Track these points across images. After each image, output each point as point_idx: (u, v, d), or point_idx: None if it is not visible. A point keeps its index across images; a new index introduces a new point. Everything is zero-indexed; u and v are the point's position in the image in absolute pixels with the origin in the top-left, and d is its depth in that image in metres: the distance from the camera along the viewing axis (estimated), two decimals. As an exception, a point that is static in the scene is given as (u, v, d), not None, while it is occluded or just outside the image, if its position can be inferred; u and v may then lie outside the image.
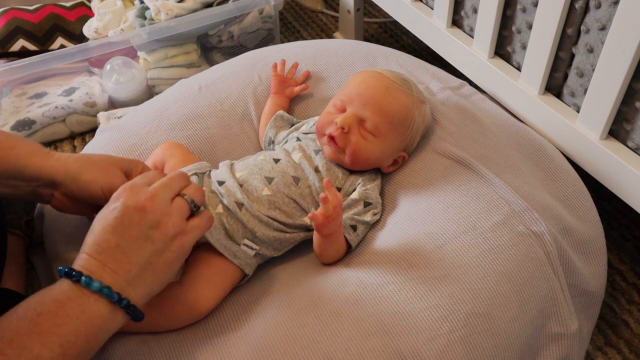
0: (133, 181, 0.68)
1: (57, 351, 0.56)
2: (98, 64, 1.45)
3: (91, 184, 0.75)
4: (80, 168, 0.76)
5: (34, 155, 0.75)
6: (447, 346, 0.69)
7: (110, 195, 0.70)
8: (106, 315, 0.61)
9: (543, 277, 0.78)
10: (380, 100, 0.85)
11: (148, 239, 0.63)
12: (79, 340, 0.58)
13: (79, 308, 0.59)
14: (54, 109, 1.34)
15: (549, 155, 0.95)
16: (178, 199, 0.68)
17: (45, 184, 0.76)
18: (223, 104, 1.04)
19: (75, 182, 0.75)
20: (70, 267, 0.61)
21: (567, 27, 0.93)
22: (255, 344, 0.72)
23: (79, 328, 0.58)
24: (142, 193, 0.65)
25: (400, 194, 0.88)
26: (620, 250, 1.14)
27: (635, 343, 1.00)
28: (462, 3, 1.15)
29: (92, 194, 0.76)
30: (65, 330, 0.57)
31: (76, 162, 0.76)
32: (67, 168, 0.75)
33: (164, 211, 0.65)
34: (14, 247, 0.96)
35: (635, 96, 0.87)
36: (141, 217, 0.64)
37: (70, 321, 0.58)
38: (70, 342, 0.57)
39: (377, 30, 1.78)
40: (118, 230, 0.63)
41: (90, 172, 0.76)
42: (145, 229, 0.63)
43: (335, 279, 0.78)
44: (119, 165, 0.79)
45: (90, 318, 0.59)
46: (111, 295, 0.60)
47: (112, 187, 0.72)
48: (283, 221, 0.82)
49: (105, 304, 0.60)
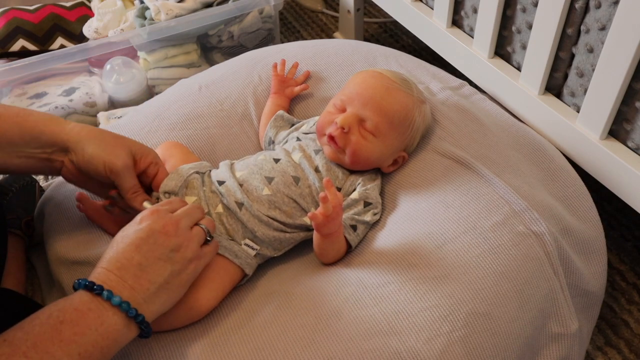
0: (157, 206, 0.73)
1: (75, 358, 0.59)
2: (98, 64, 1.45)
3: (95, 158, 0.78)
4: (90, 140, 0.78)
5: (51, 122, 0.78)
6: (447, 346, 0.69)
7: (111, 173, 0.77)
8: (122, 329, 0.64)
9: (543, 277, 0.78)
10: (381, 100, 0.85)
11: (169, 260, 0.68)
12: (96, 351, 0.61)
13: (99, 320, 0.62)
14: (54, 109, 1.34)
15: (549, 155, 0.95)
16: (197, 228, 0.73)
17: (59, 150, 0.79)
18: (223, 104, 1.04)
19: (82, 153, 0.78)
20: (91, 280, 0.64)
21: (567, 27, 0.93)
22: (255, 343, 0.72)
23: (97, 339, 0.61)
24: (167, 218, 0.70)
25: (400, 194, 0.88)
26: (620, 250, 1.14)
27: (635, 343, 1.00)
28: (462, 3, 1.15)
29: (95, 168, 0.78)
30: (85, 340, 0.60)
31: (89, 134, 0.79)
32: (80, 136, 0.78)
33: (186, 236, 0.70)
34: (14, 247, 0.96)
35: (635, 96, 0.87)
36: (165, 240, 0.68)
37: (89, 332, 0.61)
38: (88, 352, 0.60)
39: (377, 30, 1.78)
40: (142, 250, 0.67)
41: (97, 147, 0.78)
42: (168, 251, 0.68)
43: (335, 279, 0.78)
44: (130, 148, 0.81)
45: (107, 330, 0.62)
46: (129, 310, 0.63)
47: (113, 167, 0.77)
48: (283, 221, 0.82)
49: (122, 318, 0.64)
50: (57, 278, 0.88)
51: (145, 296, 0.66)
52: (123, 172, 0.79)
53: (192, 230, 0.72)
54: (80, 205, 0.89)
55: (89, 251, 0.86)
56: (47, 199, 0.96)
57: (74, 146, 0.78)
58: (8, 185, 1.00)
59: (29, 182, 1.03)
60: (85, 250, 0.87)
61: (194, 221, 0.74)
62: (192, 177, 0.85)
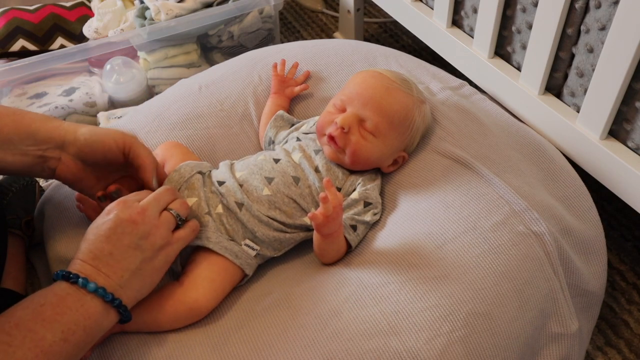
0: (125, 198, 0.74)
1: (59, 336, 0.62)
2: (98, 64, 1.45)
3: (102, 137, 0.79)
4: (90, 130, 0.80)
5: (47, 120, 0.80)
6: (447, 346, 0.69)
7: (124, 146, 0.80)
8: (101, 311, 0.66)
9: (543, 277, 0.78)
10: (380, 100, 0.85)
11: (138, 248, 0.70)
12: (78, 329, 0.64)
13: (78, 302, 0.65)
14: (54, 109, 1.34)
15: (549, 156, 0.95)
16: (165, 213, 0.74)
17: (55, 147, 0.79)
18: (223, 104, 1.04)
19: (84, 141, 0.79)
20: (67, 270, 0.67)
21: (567, 27, 0.93)
22: (256, 343, 0.72)
23: (78, 318, 0.64)
24: (134, 207, 0.72)
25: (400, 194, 0.88)
26: (620, 250, 1.14)
27: (635, 343, 1.00)
28: (462, 3, 1.15)
29: (105, 146, 0.79)
30: (66, 319, 0.63)
31: (87, 127, 0.81)
32: (78, 130, 0.80)
33: (153, 224, 0.72)
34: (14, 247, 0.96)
35: (635, 96, 0.87)
36: (132, 229, 0.70)
37: (70, 312, 0.64)
38: (70, 329, 0.63)
39: (377, 30, 1.78)
40: (111, 240, 0.69)
41: (101, 131, 0.81)
42: (136, 239, 0.70)
43: (335, 279, 0.78)
44: None
45: (88, 311, 0.65)
46: (105, 295, 0.66)
47: (125, 138, 0.80)
48: (283, 221, 0.82)
49: (101, 303, 0.66)
50: (54, 280, 0.87)
51: (120, 282, 0.68)
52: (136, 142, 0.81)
53: (160, 216, 0.73)
54: (80, 205, 0.88)
55: (89, 251, 0.86)
56: (47, 199, 0.96)
57: (73, 140, 0.79)
58: (8, 185, 1.00)
59: (29, 182, 1.03)
60: (85, 250, 0.87)
61: (162, 206, 0.75)
62: (195, 177, 0.85)
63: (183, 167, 0.85)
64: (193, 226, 0.77)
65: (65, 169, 0.81)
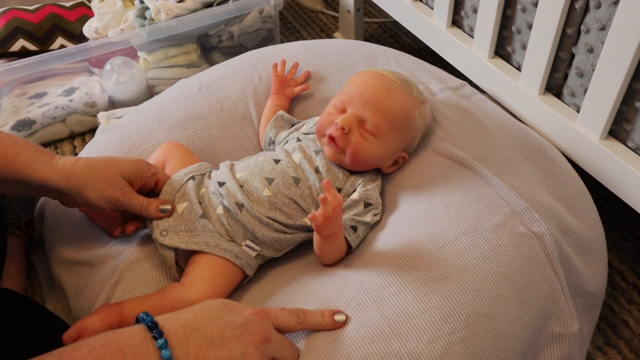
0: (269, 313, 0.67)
1: None
2: (98, 64, 1.45)
3: (95, 200, 0.78)
4: (82, 182, 0.77)
5: (38, 165, 0.76)
6: (448, 347, 0.69)
7: (115, 206, 0.78)
8: None
9: (544, 278, 0.78)
10: (381, 101, 0.85)
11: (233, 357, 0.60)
12: None
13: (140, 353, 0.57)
14: (54, 109, 1.34)
15: (549, 156, 0.95)
16: None
17: (52, 192, 0.78)
18: (223, 104, 1.04)
19: (79, 196, 0.77)
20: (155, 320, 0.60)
21: (567, 27, 0.93)
22: (256, 344, 0.72)
23: None
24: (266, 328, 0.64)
25: (400, 195, 0.88)
26: (620, 250, 1.14)
27: (635, 343, 1.00)
28: (462, 3, 1.15)
29: (97, 206, 0.79)
30: None
31: (80, 174, 0.77)
32: (71, 181, 0.76)
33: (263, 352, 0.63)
34: (14, 247, 0.96)
35: (635, 96, 0.87)
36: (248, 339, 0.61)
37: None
38: None
39: (377, 30, 1.78)
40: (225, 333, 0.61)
41: (93, 187, 0.77)
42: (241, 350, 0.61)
43: (336, 281, 0.78)
44: (122, 173, 0.80)
45: None
46: None
47: (115, 200, 0.78)
48: (283, 222, 0.82)
49: None
50: (57, 278, 0.88)
51: None
52: (126, 201, 0.79)
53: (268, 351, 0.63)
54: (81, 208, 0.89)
55: (89, 251, 0.86)
56: (47, 199, 0.96)
57: (68, 191, 0.77)
58: (8, 186, 1.00)
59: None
60: (85, 250, 0.87)
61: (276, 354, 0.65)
62: (185, 185, 0.85)
63: (174, 179, 0.85)
64: None
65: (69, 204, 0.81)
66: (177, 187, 0.84)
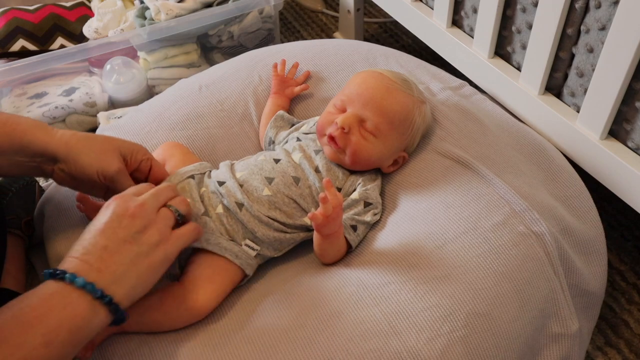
0: (124, 192, 0.72)
1: (39, 340, 0.58)
2: (98, 64, 1.45)
3: (88, 167, 0.78)
4: (80, 149, 0.78)
5: (39, 131, 0.78)
6: (447, 346, 0.69)
7: (105, 179, 0.78)
8: (89, 309, 0.62)
9: (543, 277, 0.78)
10: (381, 101, 0.85)
11: (134, 242, 0.67)
12: (62, 331, 0.60)
13: (62, 301, 0.61)
14: (54, 109, 1.34)
15: (549, 156, 0.95)
16: (164, 209, 0.72)
17: (48, 160, 0.79)
18: (223, 104, 1.04)
19: (74, 163, 0.78)
20: (55, 268, 0.64)
21: (567, 27, 0.93)
22: (256, 344, 0.72)
23: (61, 319, 0.60)
24: (132, 201, 0.70)
25: (400, 194, 0.88)
26: (620, 250, 1.14)
27: (635, 343, 1.00)
28: (462, 3, 1.15)
29: (88, 175, 0.79)
30: (47, 321, 0.59)
31: (78, 142, 0.79)
32: (69, 147, 0.78)
33: (151, 218, 0.70)
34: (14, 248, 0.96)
35: (635, 96, 0.87)
36: (129, 222, 0.68)
37: (52, 313, 0.60)
38: (52, 332, 0.59)
39: (377, 30, 1.78)
40: (106, 233, 0.67)
41: (89, 155, 0.78)
42: (132, 233, 0.68)
43: (336, 279, 0.78)
44: (119, 149, 0.81)
45: (73, 311, 0.61)
46: (94, 290, 0.62)
47: (107, 173, 0.78)
48: (283, 221, 0.82)
49: (89, 300, 0.62)
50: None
51: (113, 278, 0.65)
52: (117, 176, 0.79)
53: (159, 212, 0.71)
54: (80, 206, 0.88)
55: (89, 251, 0.86)
56: (47, 199, 0.96)
57: (64, 157, 0.78)
58: (8, 186, 1.00)
59: (29, 182, 1.03)
60: (86, 251, 0.87)
61: (161, 202, 0.73)
62: (185, 182, 0.85)
63: (174, 177, 0.85)
64: (194, 225, 0.75)
65: (60, 178, 0.81)
66: (176, 183, 0.84)
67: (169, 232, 0.71)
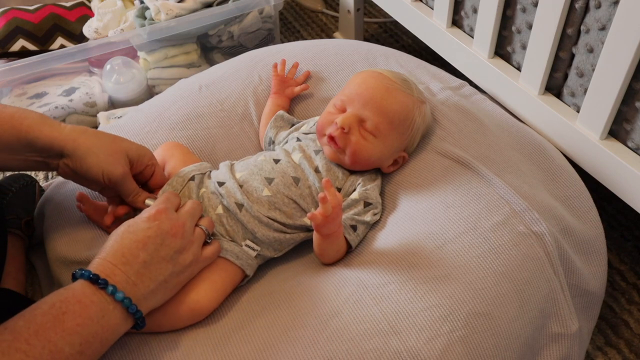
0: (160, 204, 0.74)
1: (76, 348, 0.61)
2: (98, 64, 1.45)
3: (94, 167, 0.79)
4: (88, 148, 0.79)
5: (45, 126, 0.78)
6: (447, 346, 0.69)
7: (110, 182, 0.79)
8: (121, 322, 0.66)
9: (543, 277, 0.78)
10: (381, 101, 0.85)
11: (171, 261, 0.70)
12: (96, 341, 0.63)
13: (100, 312, 0.63)
14: (54, 109, 1.34)
15: (549, 156, 0.95)
16: (198, 230, 0.75)
17: (55, 155, 0.79)
18: (223, 104, 1.04)
19: (79, 161, 0.78)
20: (95, 273, 0.65)
21: (567, 27, 0.93)
22: (256, 343, 0.72)
23: (97, 331, 0.63)
24: (174, 219, 0.72)
25: (400, 194, 0.88)
26: (620, 250, 1.14)
27: (635, 343, 1.00)
28: (462, 3, 1.15)
29: (93, 176, 0.79)
30: (86, 331, 0.62)
31: (87, 140, 0.79)
32: (77, 145, 0.79)
33: (190, 239, 0.73)
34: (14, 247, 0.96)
35: (635, 96, 0.87)
36: (172, 241, 0.70)
37: (91, 323, 0.62)
38: (88, 342, 0.62)
39: (377, 30, 1.78)
40: (148, 249, 0.68)
41: (97, 156, 0.79)
42: (172, 252, 0.70)
43: (336, 279, 0.78)
44: (126, 152, 0.82)
45: (108, 323, 0.64)
46: (130, 306, 0.65)
47: (112, 176, 0.78)
48: (283, 222, 0.82)
49: (123, 313, 0.65)
50: (57, 278, 0.88)
51: (146, 293, 0.67)
52: (122, 180, 0.80)
53: (195, 232, 0.74)
54: (81, 205, 0.89)
55: (89, 251, 0.86)
56: (47, 199, 0.96)
57: (71, 153, 0.78)
58: (8, 185, 1.00)
59: (29, 182, 1.03)
60: (85, 250, 0.87)
61: (195, 221, 0.76)
62: (186, 186, 0.85)
63: (175, 180, 0.85)
64: (217, 245, 0.78)
65: (65, 173, 0.82)
66: (178, 188, 0.84)
67: (200, 252, 0.74)
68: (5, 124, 0.76)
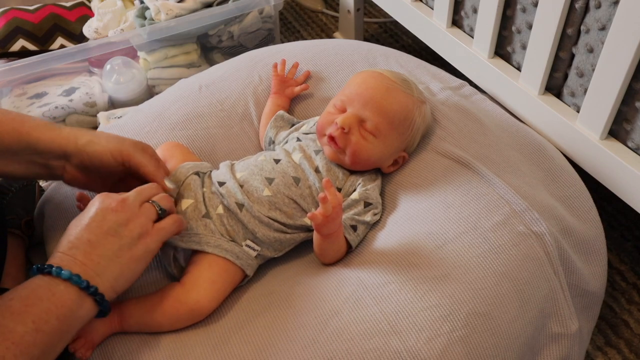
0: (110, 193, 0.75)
1: (30, 326, 0.61)
2: (98, 64, 1.45)
3: (100, 151, 0.79)
4: (90, 140, 0.80)
5: (45, 129, 0.79)
6: (447, 346, 0.69)
7: (121, 158, 0.79)
8: (76, 299, 0.65)
9: (543, 277, 0.78)
10: (381, 101, 0.85)
11: (116, 234, 0.70)
12: (51, 317, 0.63)
13: (49, 292, 0.64)
14: (54, 109, 1.34)
15: (549, 156, 0.95)
16: (146, 204, 0.74)
17: (57, 157, 0.80)
18: (223, 104, 1.04)
19: (85, 152, 0.79)
20: (42, 264, 0.67)
21: (567, 27, 0.93)
22: (256, 343, 0.72)
23: (49, 307, 0.63)
24: (115, 196, 0.73)
25: (400, 194, 0.88)
26: (620, 250, 1.14)
27: (635, 343, 1.00)
28: (462, 3, 1.15)
29: (103, 160, 0.79)
30: (36, 309, 0.62)
31: (85, 135, 0.81)
32: (77, 140, 0.79)
33: (133, 212, 0.72)
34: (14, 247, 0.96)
35: (635, 96, 0.87)
36: (112, 216, 0.70)
37: (40, 302, 0.63)
38: (42, 318, 0.62)
39: (377, 30, 1.78)
40: (90, 227, 0.69)
41: (97, 144, 0.80)
42: (115, 226, 0.70)
43: (336, 279, 0.78)
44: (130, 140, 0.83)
45: (60, 300, 0.64)
46: (80, 281, 0.65)
47: (122, 151, 0.79)
48: (283, 222, 0.82)
49: (75, 291, 0.65)
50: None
51: (97, 270, 0.67)
52: (134, 151, 0.80)
53: (141, 206, 0.73)
54: (81, 206, 0.88)
55: (89, 251, 0.86)
56: (47, 199, 0.96)
57: (74, 150, 0.79)
58: (8, 185, 1.00)
59: (29, 182, 1.03)
60: (86, 250, 0.87)
61: (144, 198, 0.75)
62: (190, 178, 0.84)
63: (179, 170, 0.85)
64: (175, 217, 0.76)
65: (71, 177, 0.82)
66: (182, 179, 0.84)
67: (151, 226, 0.73)
68: (6, 127, 0.77)
